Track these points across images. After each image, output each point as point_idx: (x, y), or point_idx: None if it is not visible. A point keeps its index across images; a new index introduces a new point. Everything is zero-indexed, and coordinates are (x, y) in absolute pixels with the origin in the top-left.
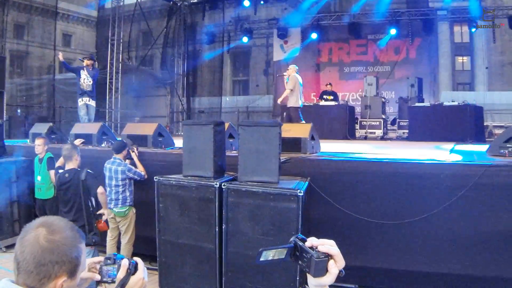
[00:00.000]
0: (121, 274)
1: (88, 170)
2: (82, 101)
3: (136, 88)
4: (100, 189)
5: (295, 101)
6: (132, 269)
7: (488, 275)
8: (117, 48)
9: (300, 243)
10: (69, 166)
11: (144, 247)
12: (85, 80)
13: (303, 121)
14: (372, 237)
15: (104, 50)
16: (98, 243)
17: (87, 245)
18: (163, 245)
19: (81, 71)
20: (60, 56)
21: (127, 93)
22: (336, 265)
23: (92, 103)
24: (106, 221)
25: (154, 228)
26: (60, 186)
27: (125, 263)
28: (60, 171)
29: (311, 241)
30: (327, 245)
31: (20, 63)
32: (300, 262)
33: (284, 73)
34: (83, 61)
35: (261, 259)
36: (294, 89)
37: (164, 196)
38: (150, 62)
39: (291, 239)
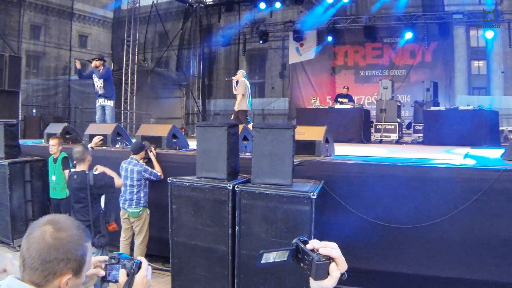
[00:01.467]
0: (122, 278)
1: (94, 173)
2: (98, 103)
3: (151, 90)
4: (117, 182)
5: (245, 105)
6: (136, 269)
7: (503, 281)
8: (133, 49)
9: (302, 246)
10: (80, 168)
11: (158, 248)
12: (97, 82)
13: (251, 123)
14: (386, 241)
15: (119, 51)
16: (104, 245)
17: (93, 245)
18: (176, 247)
19: (93, 75)
20: (78, 64)
21: (142, 95)
22: (337, 268)
23: (108, 103)
24: (116, 221)
25: (168, 229)
26: (70, 189)
27: (123, 271)
28: (73, 169)
29: (313, 243)
30: (329, 248)
31: (36, 64)
32: (302, 264)
33: (233, 78)
34: (92, 63)
35: (262, 261)
36: (244, 93)
37: (177, 197)
38: (165, 63)
39: (293, 241)
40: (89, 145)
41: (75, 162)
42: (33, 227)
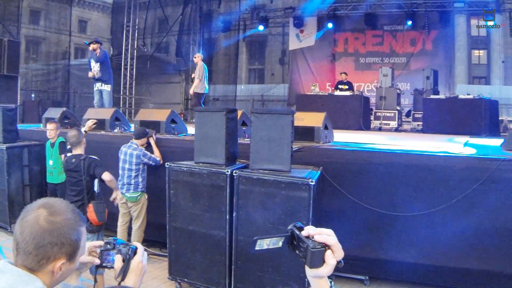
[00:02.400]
0: (118, 264)
1: (91, 156)
2: (95, 87)
3: (150, 75)
4: (106, 176)
5: (200, 88)
6: (132, 255)
7: (502, 271)
8: (132, 34)
9: (297, 232)
10: (76, 151)
11: (155, 234)
12: (94, 66)
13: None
14: (383, 228)
15: (119, 37)
16: (96, 230)
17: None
18: (173, 232)
19: (91, 60)
20: (90, 75)
21: (142, 80)
22: (333, 256)
23: (106, 87)
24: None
25: (165, 214)
26: (66, 171)
27: (119, 256)
28: (69, 154)
29: (308, 230)
30: (324, 235)
31: (35, 49)
32: (297, 251)
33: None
34: (89, 46)
35: (256, 248)
36: (201, 77)
37: (175, 182)
38: (165, 49)
39: (289, 227)
40: (83, 129)
41: (69, 146)
42: (27, 211)
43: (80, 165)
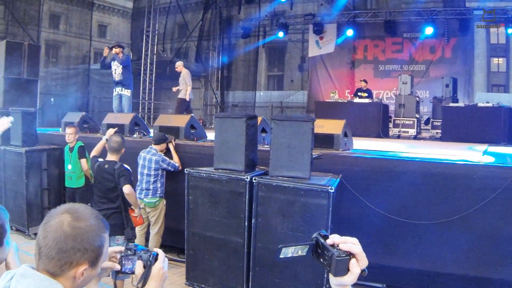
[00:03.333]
0: (138, 270)
1: (124, 165)
2: (115, 92)
3: (170, 80)
4: (126, 189)
5: (189, 94)
6: (153, 261)
7: None
8: (152, 40)
9: (322, 240)
10: (112, 158)
11: (172, 239)
12: (116, 69)
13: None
14: (402, 236)
15: (139, 42)
16: (132, 238)
17: (126, 239)
18: (191, 238)
19: (112, 62)
20: (106, 51)
21: (161, 85)
22: (358, 265)
23: (126, 92)
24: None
25: (183, 220)
26: (97, 177)
27: (140, 262)
28: (100, 159)
29: (333, 238)
30: (349, 243)
31: (55, 53)
32: (321, 260)
33: (176, 68)
34: (112, 50)
35: (281, 256)
36: (190, 83)
37: (194, 188)
38: (185, 54)
39: (313, 235)
40: (104, 137)
41: (94, 154)
42: (50, 216)
43: (114, 172)
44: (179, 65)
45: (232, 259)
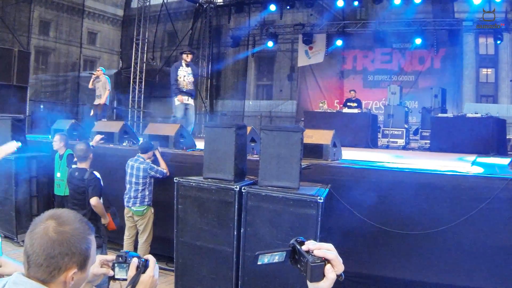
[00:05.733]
0: (131, 273)
1: (94, 173)
2: (178, 101)
3: (159, 89)
4: (93, 201)
5: (105, 99)
6: (142, 268)
7: None
8: (142, 48)
9: (298, 247)
10: (82, 165)
11: (162, 248)
12: (186, 77)
13: (105, 119)
14: (391, 246)
15: (128, 50)
16: (99, 245)
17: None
18: (180, 247)
19: (180, 68)
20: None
21: (151, 94)
22: (333, 270)
23: (192, 102)
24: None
25: (172, 229)
26: (69, 184)
27: (134, 262)
28: (73, 166)
29: (308, 245)
30: (324, 250)
31: (45, 59)
32: (298, 266)
33: (94, 73)
34: (187, 55)
35: (258, 262)
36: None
37: (183, 197)
38: (174, 63)
39: (290, 242)
40: (90, 143)
41: (75, 159)
42: (35, 223)
43: (84, 181)
44: (99, 70)
45: (221, 268)
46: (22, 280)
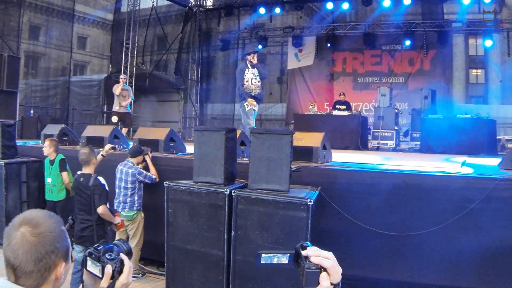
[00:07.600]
0: (104, 284)
1: (99, 179)
2: (249, 107)
3: (149, 93)
4: (100, 210)
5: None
6: (117, 276)
7: None
8: (132, 52)
9: (300, 251)
10: (86, 170)
11: (152, 252)
12: (253, 80)
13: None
14: (382, 248)
15: (118, 54)
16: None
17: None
18: (171, 251)
19: (247, 70)
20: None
21: (140, 98)
22: (329, 278)
23: (257, 108)
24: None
25: (163, 233)
26: (75, 190)
27: (108, 270)
28: (78, 172)
29: (307, 251)
30: (320, 258)
31: (34, 64)
32: (299, 269)
33: (122, 77)
34: (253, 56)
35: (262, 261)
36: None
37: (173, 201)
38: (164, 67)
39: (297, 245)
40: (100, 153)
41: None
42: (9, 234)
43: (90, 187)
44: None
45: (212, 271)
46: (9, 286)
